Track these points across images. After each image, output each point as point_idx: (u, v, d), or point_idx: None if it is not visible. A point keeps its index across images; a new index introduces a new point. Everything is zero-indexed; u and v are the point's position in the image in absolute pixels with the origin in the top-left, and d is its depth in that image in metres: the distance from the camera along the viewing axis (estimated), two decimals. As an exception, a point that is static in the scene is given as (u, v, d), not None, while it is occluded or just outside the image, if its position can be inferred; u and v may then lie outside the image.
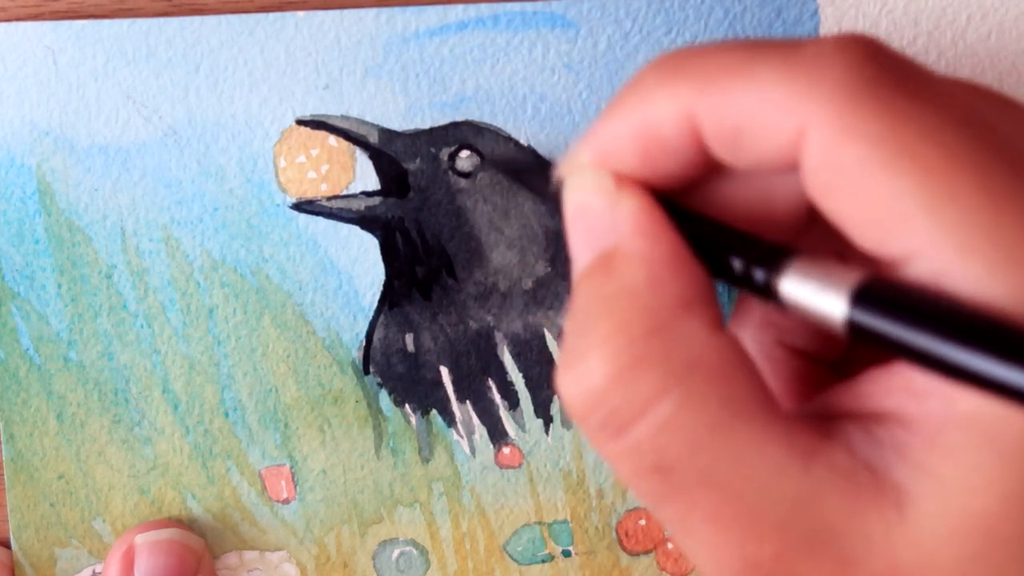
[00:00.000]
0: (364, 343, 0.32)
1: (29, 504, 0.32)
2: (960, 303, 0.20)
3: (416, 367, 0.32)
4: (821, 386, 0.25)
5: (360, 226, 0.31)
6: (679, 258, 0.22)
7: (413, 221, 0.31)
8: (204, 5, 0.31)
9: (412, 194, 0.31)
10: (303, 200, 0.31)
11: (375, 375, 0.32)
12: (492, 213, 0.31)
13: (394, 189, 0.31)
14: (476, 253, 0.32)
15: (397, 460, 0.32)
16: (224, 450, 0.32)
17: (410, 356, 0.32)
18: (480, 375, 0.32)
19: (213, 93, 0.31)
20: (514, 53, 0.31)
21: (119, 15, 0.30)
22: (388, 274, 0.32)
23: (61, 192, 0.31)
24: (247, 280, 0.31)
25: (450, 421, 0.32)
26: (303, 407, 0.32)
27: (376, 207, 0.31)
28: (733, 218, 0.24)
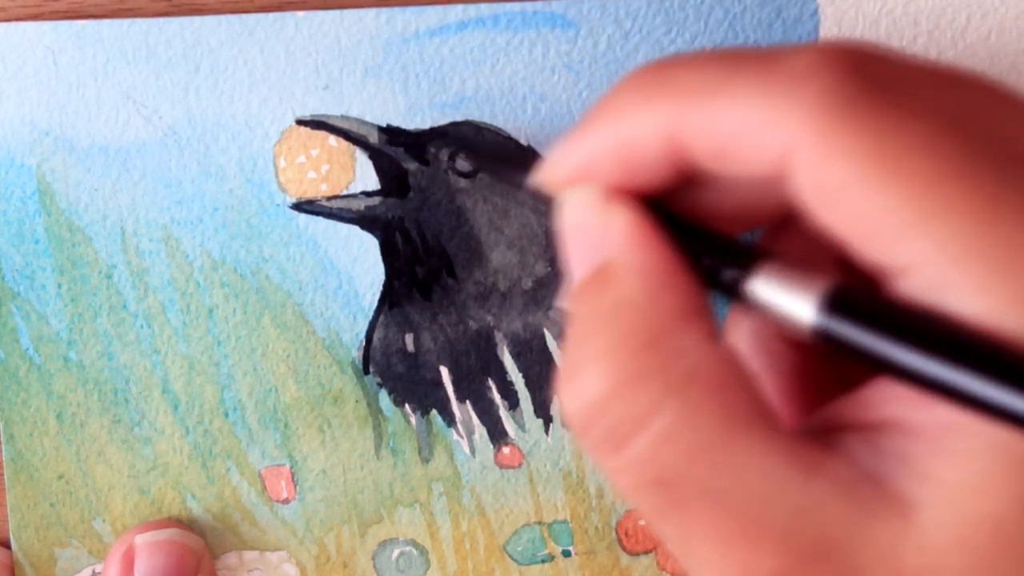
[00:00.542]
0: (364, 343, 0.32)
1: (29, 504, 0.32)
2: (932, 313, 0.20)
3: (416, 367, 0.32)
4: (821, 397, 0.25)
5: (360, 226, 0.31)
6: (674, 270, 0.22)
7: (413, 221, 0.31)
8: (204, 5, 0.31)
9: (412, 194, 0.31)
10: (303, 200, 0.31)
11: (375, 375, 0.32)
12: (492, 213, 0.31)
13: (394, 189, 0.31)
14: (476, 253, 0.32)
15: (397, 460, 0.32)
16: (224, 450, 0.32)
17: (410, 356, 0.32)
18: (480, 375, 0.32)
19: (213, 93, 0.31)
20: (514, 53, 0.31)
21: (119, 15, 0.30)
22: (388, 274, 0.32)
23: (61, 192, 0.31)
24: (247, 280, 0.31)
25: (450, 421, 0.32)
26: (303, 407, 0.32)
27: (376, 207, 0.31)
28: (711, 221, 0.24)
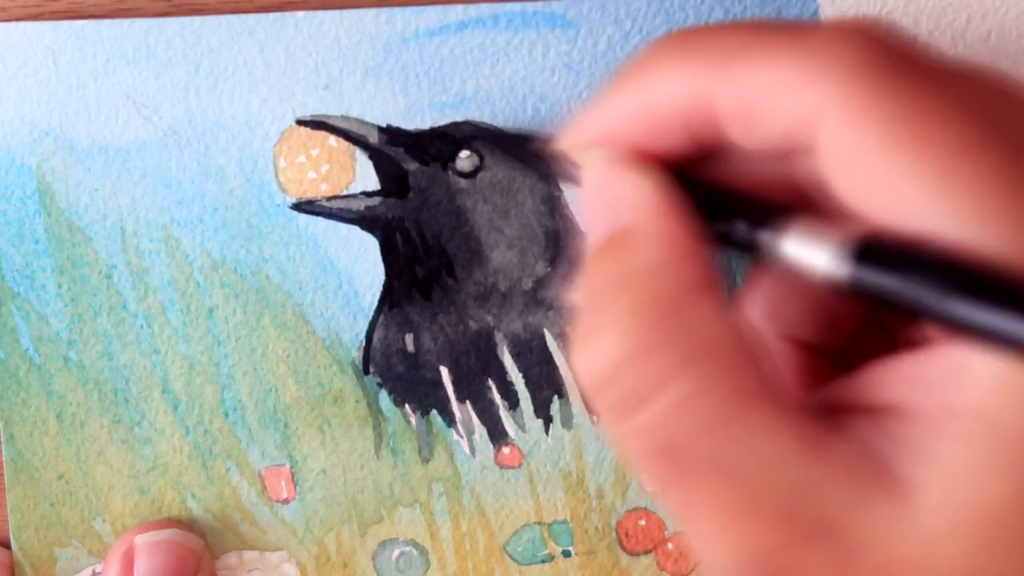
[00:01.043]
0: (364, 343, 0.32)
1: (29, 504, 0.32)
2: (960, 254, 0.20)
3: (416, 367, 0.32)
4: (826, 378, 0.25)
5: (360, 226, 0.31)
6: (695, 241, 0.22)
7: (413, 221, 0.31)
8: (204, 5, 0.31)
9: (412, 194, 0.31)
10: (303, 200, 0.31)
11: (375, 375, 0.32)
12: (492, 213, 0.31)
13: (394, 189, 0.31)
14: (476, 253, 0.32)
15: (397, 460, 0.32)
16: (224, 450, 0.32)
17: (410, 356, 0.32)
18: (480, 375, 0.32)
19: (213, 93, 0.31)
20: (514, 53, 0.31)
21: (119, 15, 0.30)
22: (388, 274, 0.32)
23: (61, 192, 0.31)
24: (247, 280, 0.31)
25: (450, 421, 0.32)
26: (303, 407, 0.32)
27: (376, 207, 0.31)
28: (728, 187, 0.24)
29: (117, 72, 0.30)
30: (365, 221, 0.31)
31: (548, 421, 0.32)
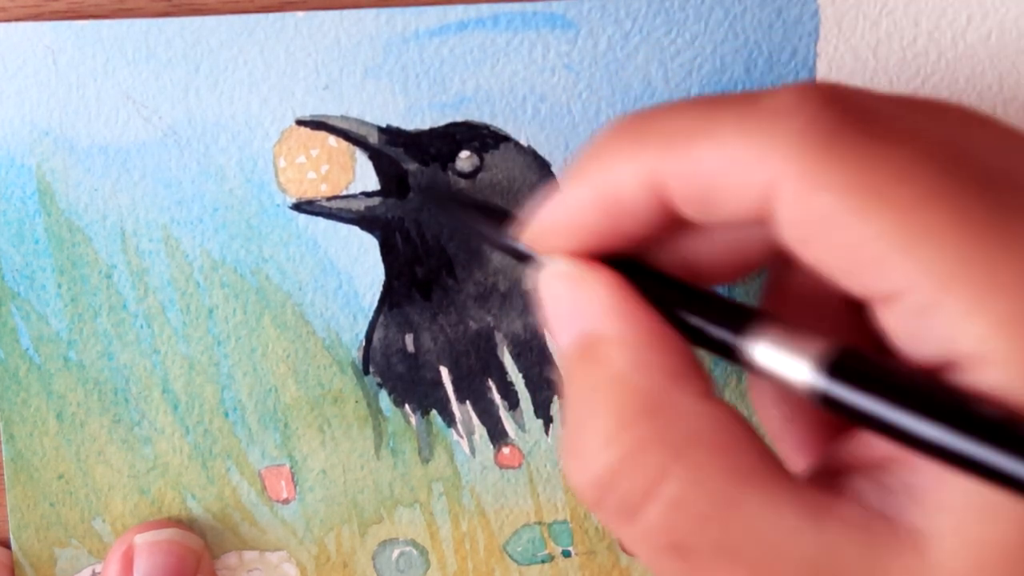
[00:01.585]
0: (364, 343, 0.32)
1: (29, 504, 0.32)
2: (922, 376, 0.20)
3: (416, 367, 0.32)
4: (836, 430, 0.25)
5: (360, 226, 0.31)
6: (659, 334, 0.23)
7: (413, 221, 0.31)
8: (204, 5, 0.31)
9: (412, 194, 0.31)
10: (303, 200, 0.31)
11: (375, 375, 0.32)
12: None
13: (394, 189, 0.31)
14: (476, 253, 0.32)
15: (397, 460, 0.32)
16: (224, 450, 0.32)
17: (410, 356, 0.32)
18: (480, 375, 0.32)
19: (213, 93, 0.31)
20: (514, 53, 0.31)
21: (119, 15, 0.30)
22: (388, 274, 0.32)
23: (61, 192, 0.31)
24: (247, 280, 0.31)
25: (450, 421, 0.32)
26: (303, 407, 0.32)
27: (376, 207, 0.31)
28: (701, 268, 0.24)
29: (117, 72, 0.30)
30: (365, 221, 0.31)
31: (548, 421, 0.32)
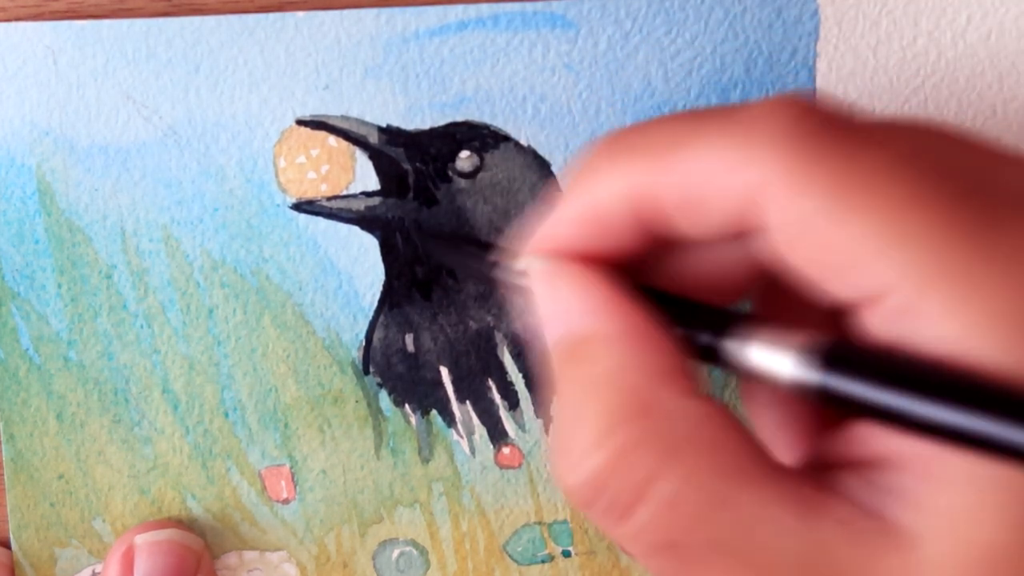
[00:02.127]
0: (364, 343, 0.32)
1: (29, 504, 0.32)
2: (912, 356, 0.20)
3: (416, 367, 0.32)
4: (829, 418, 0.25)
5: (360, 226, 0.31)
6: (644, 332, 0.22)
7: (413, 221, 0.31)
8: (204, 5, 0.31)
9: (412, 194, 0.31)
10: (303, 200, 0.31)
11: (375, 375, 0.32)
12: (492, 213, 0.31)
13: (394, 189, 0.31)
14: (476, 253, 0.32)
15: (397, 460, 0.32)
16: (224, 450, 0.32)
17: (410, 356, 0.32)
18: (480, 375, 0.32)
19: (213, 93, 0.31)
20: (514, 53, 0.31)
21: (119, 15, 0.30)
22: (388, 274, 0.32)
23: (61, 192, 0.31)
24: (247, 280, 0.31)
25: (450, 421, 0.32)
26: (303, 407, 0.32)
27: (376, 207, 0.31)
28: (688, 292, 0.25)
29: (117, 72, 0.30)
30: (365, 221, 0.31)
31: (548, 421, 0.32)
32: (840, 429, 0.23)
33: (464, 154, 0.31)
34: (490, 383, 0.32)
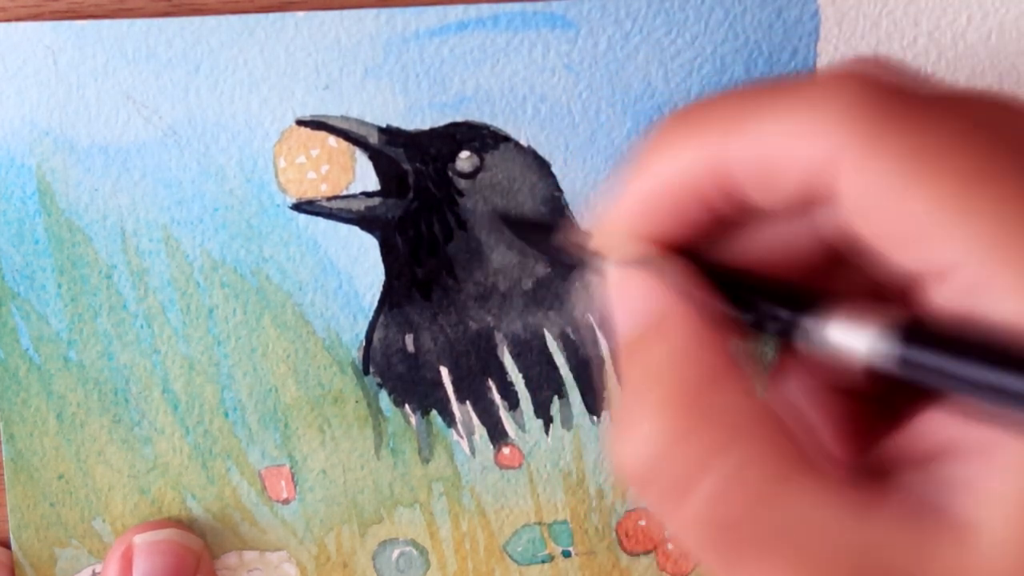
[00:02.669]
0: (364, 343, 0.32)
1: (29, 504, 0.32)
2: (991, 330, 0.20)
3: (416, 367, 0.32)
4: (876, 426, 0.25)
5: (360, 226, 0.31)
6: (719, 323, 0.23)
7: (413, 221, 0.31)
8: (204, 5, 0.31)
9: (412, 194, 0.31)
10: (303, 200, 0.31)
11: (375, 375, 0.32)
12: (492, 214, 0.31)
13: (394, 189, 0.31)
14: (476, 254, 0.32)
15: (397, 460, 0.32)
16: (224, 450, 0.32)
17: (410, 356, 0.32)
18: (480, 375, 0.32)
19: (213, 93, 0.31)
20: (514, 53, 0.31)
21: (119, 15, 0.30)
22: (388, 274, 0.32)
23: (61, 192, 0.31)
24: (247, 280, 0.31)
25: (450, 421, 0.32)
26: (303, 407, 0.32)
27: (376, 207, 0.31)
28: (756, 267, 0.25)
29: (117, 72, 0.30)
30: (365, 221, 0.31)
31: (548, 421, 0.32)
32: (898, 429, 0.23)
33: (464, 154, 0.31)
34: (490, 383, 0.32)
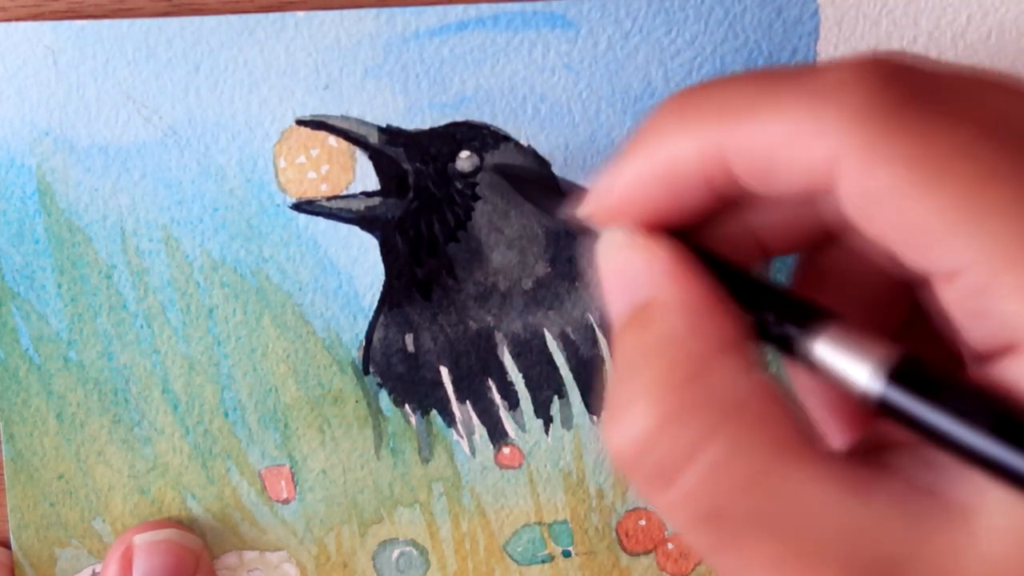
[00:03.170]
0: (364, 343, 0.32)
1: (29, 504, 0.32)
2: (994, 394, 0.20)
3: (416, 367, 0.32)
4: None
5: (360, 226, 0.31)
6: (714, 302, 0.22)
7: (413, 221, 0.31)
8: (204, 5, 0.31)
9: (412, 194, 0.31)
10: (303, 200, 0.31)
11: (375, 375, 0.32)
12: (492, 214, 0.31)
13: (394, 189, 0.31)
14: (476, 253, 0.32)
15: (397, 460, 0.32)
16: (224, 450, 0.32)
17: (410, 356, 0.32)
18: (480, 375, 0.32)
19: (213, 93, 0.31)
20: (514, 53, 0.31)
21: (119, 15, 0.30)
22: (388, 274, 0.32)
23: (61, 192, 0.31)
24: (247, 280, 0.31)
25: (450, 421, 0.32)
26: (303, 407, 0.32)
27: (376, 207, 0.31)
28: (755, 241, 0.24)
29: (117, 72, 0.30)
30: (365, 221, 0.31)
31: (548, 421, 0.32)
32: None
33: (464, 154, 0.31)
34: (490, 383, 0.32)
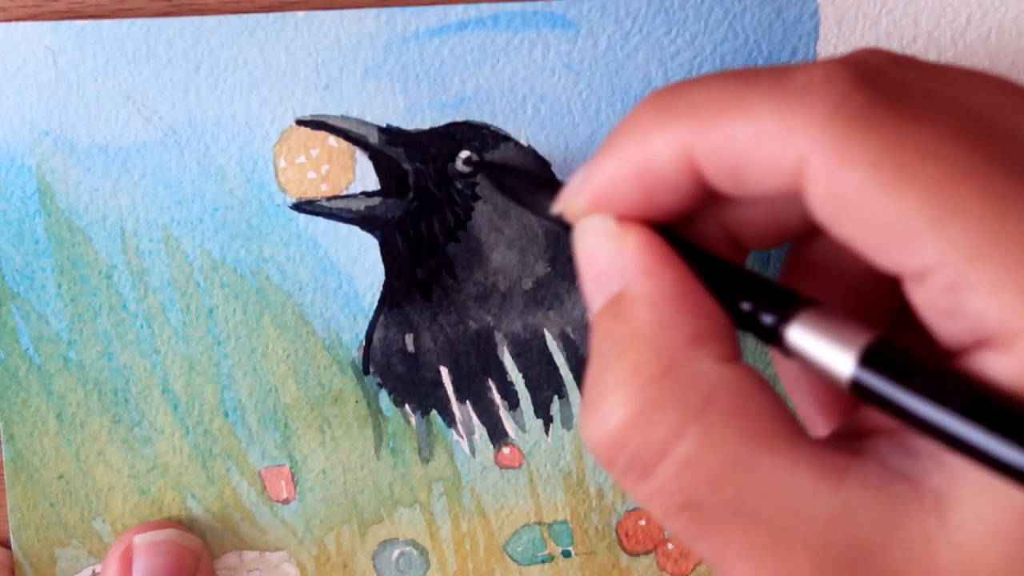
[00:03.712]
0: (364, 343, 0.32)
1: (29, 504, 0.32)
2: (967, 377, 0.20)
3: (416, 367, 0.32)
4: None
5: (360, 226, 0.31)
6: (685, 294, 0.23)
7: (413, 221, 0.31)
8: (204, 5, 0.31)
9: (412, 194, 0.31)
10: (303, 200, 0.31)
11: (375, 375, 0.32)
12: (492, 213, 0.31)
13: (394, 189, 0.31)
14: (476, 253, 0.32)
15: (397, 460, 0.32)
16: (224, 450, 0.32)
17: (410, 356, 0.32)
18: (480, 375, 0.32)
19: (213, 93, 0.31)
20: (514, 53, 0.31)
21: (119, 15, 0.30)
22: (388, 274, 0.32)
23: (61, 192, 0.31)
24: (247, 280, 0.31)
25: (450, 421, 0.32)
26: (303, 407, 0.32)
27: (376, 207, 0.31)
28: (739, 235, 0.24)
29: (117, 72, 0.30)
30: (365, 221, 0.31)
31: (548, 421, 0.32)
32: None
33: (464, 154, 0.31)
34: (490, 383, 0.32)
